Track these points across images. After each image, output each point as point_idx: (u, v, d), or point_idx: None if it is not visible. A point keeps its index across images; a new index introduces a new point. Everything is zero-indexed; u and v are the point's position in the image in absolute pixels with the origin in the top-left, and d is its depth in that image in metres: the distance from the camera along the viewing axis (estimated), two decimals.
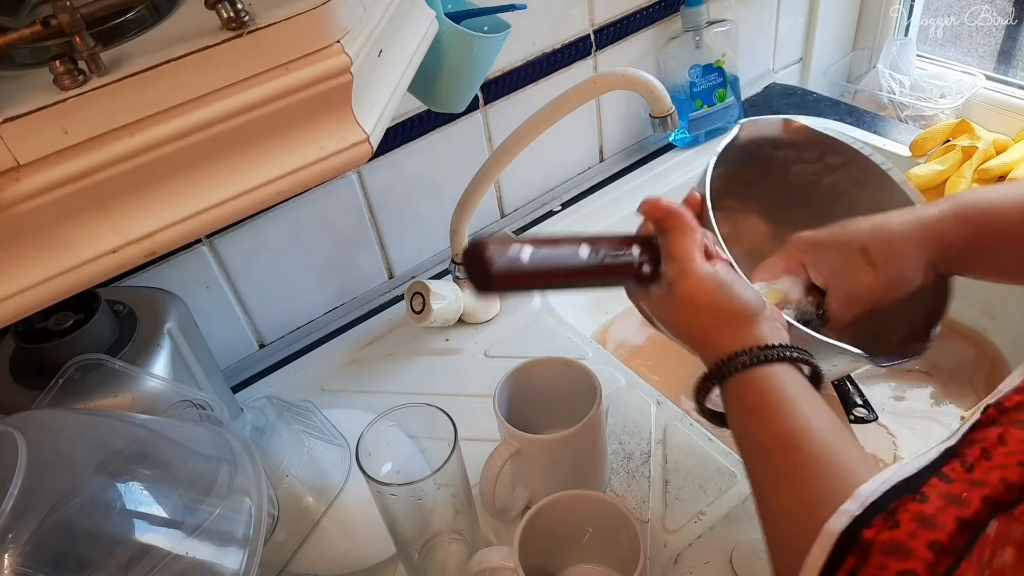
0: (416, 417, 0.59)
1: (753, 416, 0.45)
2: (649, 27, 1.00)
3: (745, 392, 0.45)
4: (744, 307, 0.47)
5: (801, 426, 0.42)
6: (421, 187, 0.91)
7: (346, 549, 0.64)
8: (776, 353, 0.45)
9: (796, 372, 0.46)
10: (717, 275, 0.48)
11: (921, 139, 0.97)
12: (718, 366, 0.46)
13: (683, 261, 0.48)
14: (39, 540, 0.41)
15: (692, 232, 0.49)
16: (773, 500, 0.42)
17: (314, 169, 0.43)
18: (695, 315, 0.48)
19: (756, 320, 0.47)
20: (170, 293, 0.66)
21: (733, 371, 0.46)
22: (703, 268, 0.48)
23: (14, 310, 0.38)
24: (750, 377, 0.45)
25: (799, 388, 0.44)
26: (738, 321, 0.47)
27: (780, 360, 0.45)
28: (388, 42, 0.47)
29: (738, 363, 0.45)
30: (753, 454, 0.44)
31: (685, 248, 0.48)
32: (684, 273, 0.48)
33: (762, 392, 0.44)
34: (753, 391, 0.45)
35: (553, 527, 0.58)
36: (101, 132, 0.36)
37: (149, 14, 0.40)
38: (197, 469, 0.50)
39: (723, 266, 0.49)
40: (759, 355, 0.45)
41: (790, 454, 0.41)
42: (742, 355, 0.45)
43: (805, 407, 0.43)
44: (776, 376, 0.44)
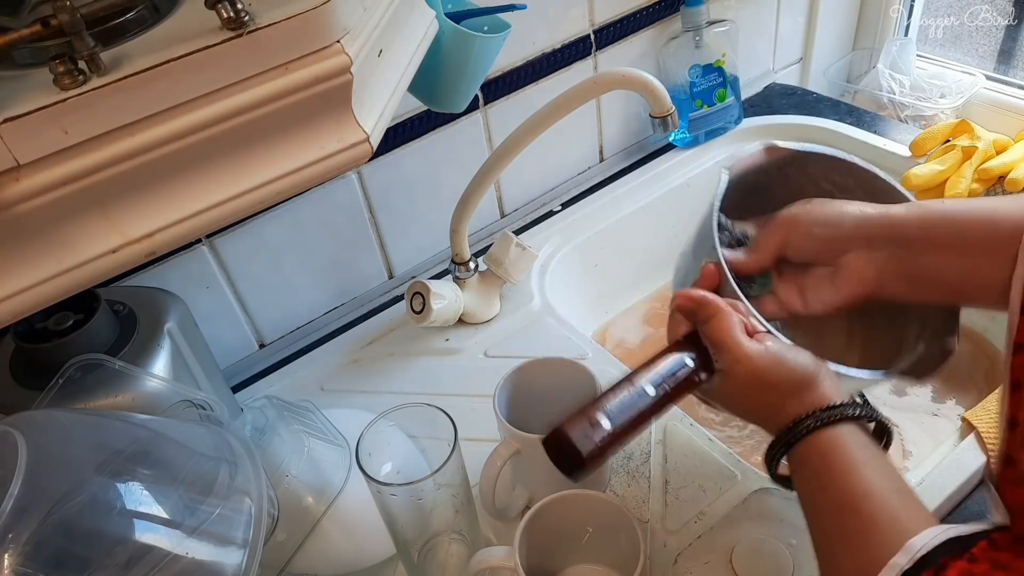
0: (416, 417, 0.59)
1: (816, 480, 0.45)
2: (649, 27, 1.00)
3: (809, 457, 0.45)
4: (803, 375, 0.47)
5: (862, 490, 0.42)
6: (421, 187, 0.91)
7: (346, 549, 0.64)
8: (838, 414, 0.45)
9: (858, 431, 0.45)
10: (767, 351, 0.48)
11: (921, 139, 0.97)
12: (783, 434, 0.46)
13: (731, 348, 0.48)
14: (39, 540, 0.41)
15: (729, 315, 0.49)
16: (833, 562, 0.43)
17: (314, 169, 0.43)
18: (757, 395, 0.48)
19: (816, 382, 0.47)
20: (170, 293, 0.66)
21: (798, 438, 0.46)
22: (752, 348, 0.48)
23: (14, 310, 0.38)
24: (814, 441, 0.45)
25: (861, 448, 0.44)
26: (800, 388, 0.47)
27: (843, 420, 0.45)
28: (388, 42, 0.47)
29: (801, 429, 0.45)
30: (816, 517, 0.44)
31: (727, 333, 0.48)
32: (736, 360, 0.48)
33: (824, 455, 0.44)
34: (816, 455, 0.45)
35: (553, 527, 0.58)
36: (101, 132, 0.36)
37: (149, 14, 0.40)
38: (197, 469, 0.50)
39: (770, 340, 0.49)
40: (821, 418, 0.45)
41: (850, 518, 0.42)
42: (806, 419, 0.45)
43: (866, 470, 0.43)
44: (839, 438, 0.44)
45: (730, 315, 0.49)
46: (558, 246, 0.96)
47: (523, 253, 0.85)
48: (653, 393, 0.48)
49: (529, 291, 0.90)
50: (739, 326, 0.49)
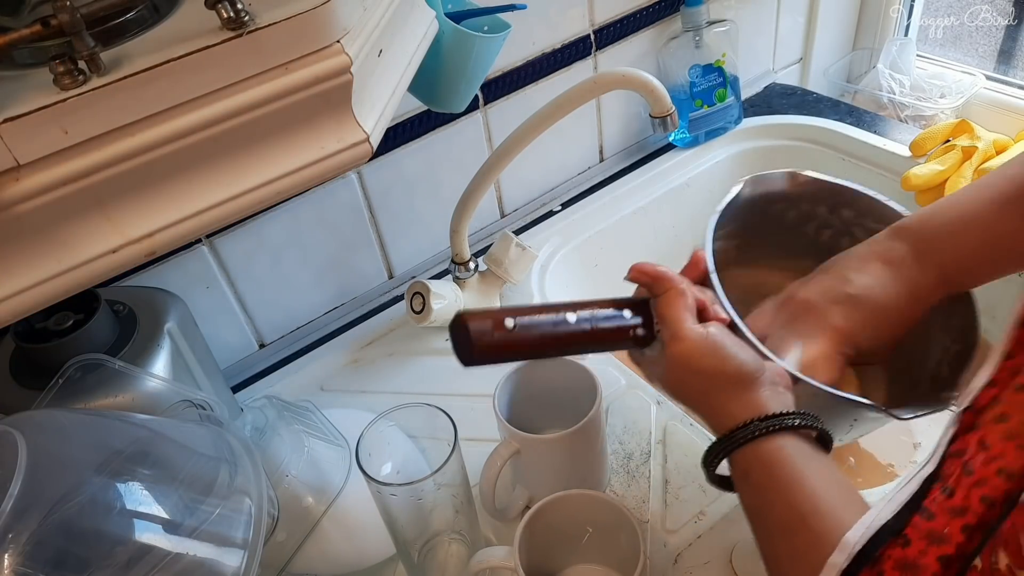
0: (416, 417, 0.59)
1: (761, 494, 0.44)
2: (649, 27, 1.00)
3: (751, 468, 0.44)
4: (738, 370, 0.46)
5: (810, 507, 0.41)
6: (421, 187, 0.91)
7: (346, 549, 0.64)
8: (777, 423, 0.43)
9: (800, 441, 0.44)
10: (708, 337, 0.47)
11: (921, 139, 0.97)
12: (721, 441, 0.45)
13: (673, 324, 0.48)
14: (39, 540, 0.41)
15: (681, 295, 0.49)
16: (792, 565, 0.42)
17: (314, 169, 0.43)
18: (689, 378, 0.48)
19: (753, 385, 0.46)
20: (170, 293, 0.66)
21: (736, 446, 0.44)
22: (694, 330, 0.47)
23: (14, 310, 0.38)
24: (755, 452, 0.44)
25: (806, 459, 0.43)
26: (733, 385, 0.46)
27: (783, 430, 0.43)
28: (388, 42, 0.47)
29: (739, 438, 0.44)
30: (763, 532, 0.44)
31: (675, 311, 0.48)
32: (675, 336, 0.47)
33: (768, 468, 0.43)
34: (759, 467, 0.43)
35: (553, 527, 0.58)
36: (101, 132, 0.36)
37: (149, 14, 0.40)
38: (197, 469, 0.50)
39: (717, 327, 0.48)
40: (760, 428, 0.43)
41: (800, 536, 0.41)
42: (743, 428, 0.44)
43: (812, 482, 0.41)
44: (782, 449, 0.43)
45: (683, 295, 0.49)
46: (558, 246, 0.96)
47: (523, 253, 0.85)
48: (573, 321, 0.48)
49: (529, 291, 0.90)
50: (689, 308, 0.48)
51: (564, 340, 0.48)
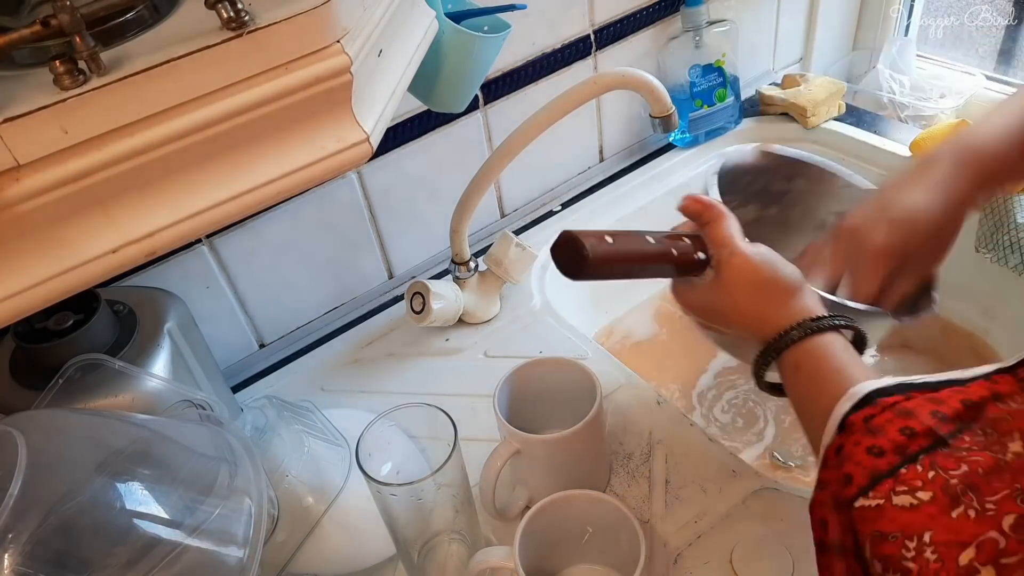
0: (416, 417, 0.59)
1: (811, 383, 0.48)
2: (649, 27, 1.00)
3: (801, 362, 0.49)
4: (789, 280, 0.51)
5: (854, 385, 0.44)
6: (421, 187, 0.91)
7: (346, 549, 0.64)
8: (825, 323, 0.49)
9: (843, 339, 0.49)
10: (760, 253, 0.52)
11: (921, 139, 0.97)
12: (775, 340, 0.50)
13: (728, 243, 0.53)
14: (39, 540, 0.41)
15: (730, 219, 0.54)
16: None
17: (314, 169, 0.43)
18: (745, 292, 0.52)
19: (800, 292, 0.51)
20: (170, 293, 0.66)
21: (788, 344, 0.49)
22: (748, 248, 0.53)
23: (14, 310, 0.38)
24: (804, 348, 0.49)
25: (848, 354, 0.48)
26: (785, 294, 0.51)
27: (829, 330, 0.49)
28: (388, 42, 0.47)
29: (792, 336, 0.49)
30: (812, 418, 0.47)
31: (729, 232, 0.53)
32: (732, 253, 0.52)
33: (817, 360, 0.48)
34: (808, 361, 0.48)
35: (553, 527, 0.58)
36: (101, 132, 0.36)
37: (149, 14, 0.40)
38: (197, 469, 0.50)
39: (764, 247, 0.53)
40: (811, 327, 0.49)
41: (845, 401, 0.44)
42: (795, 329, 0.49)
43: (856, 371, 0.46)
44: (828, 346, 0.48)
45: (732, 220, 0.54)
46: None
47: (523, 253, 0.85)
48: (653, 242, 0.53)
49: (529, 291, 0.90)
50: (739, 231, 0.54)
51: (648, 258, 0.53)
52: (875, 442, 0.39)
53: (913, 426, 0.38)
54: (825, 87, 1.06)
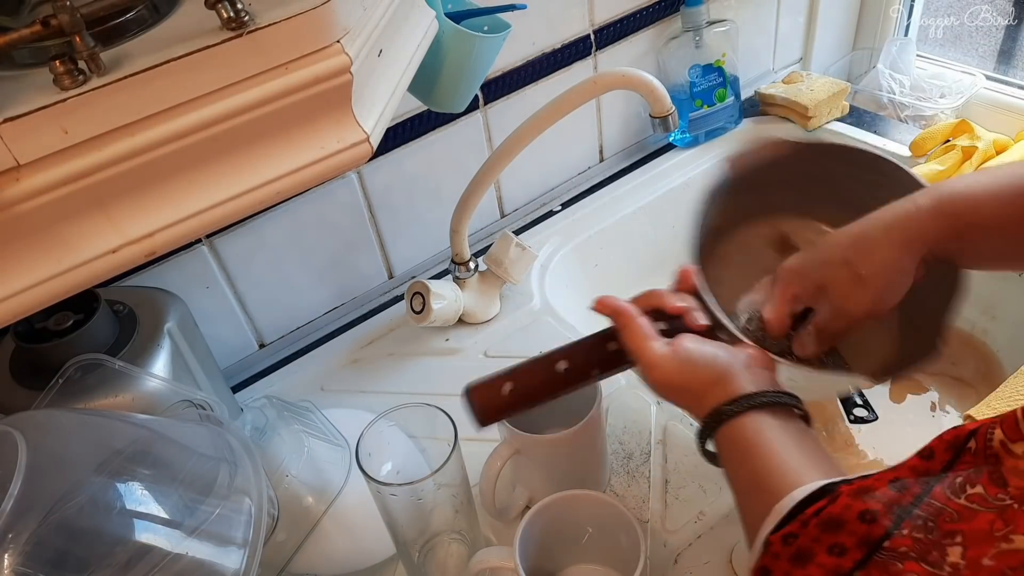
0: (416, 417, 0.59)
1: (731, 463, 0.48)
2: (649, 27, 1.00)
3: (725, 442, 0.48)
4: (711, 372, 0.49)
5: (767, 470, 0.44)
6: (421, 187, 0.91)
7: (346, 549, 0.64)
8: (745, 404, 0.47)
9: (770, 416, 0.47)
10: (676, 356, 0.51)
11: (921, 139, 0.97)
12: (703, 424, 0.49)
13: (641, 355, 0.52)
14: (39, 540, 0.41)
15: (640, 326, 0.52)
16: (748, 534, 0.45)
17: (314, 169, 0.43)
18: (670, 393, 0.52)
19: (730, 377, 0.49)
20: (170, 293, 0.66)
21: (714, 427, 0.48)
22: (659, 354, 0.51)
23: (14, 310, 0.38)
24: (730, 428, 0.47)
25: (772, 431, 0.46)
26: (710, 385, 0.49)
27: (754, 408, 0.47)
28: (388, 42, 0.47)
29: (715, 419, 0.48)
30: (735, 496, 0.48)
31: (636, 341, 0.52)
32: (647, 366, 0.51)
33: (735, 442, 0.47)
34: (728, 442, 0.48)
35: (553, 527, 0.58)
36: (101, 132, 0.36)
37: (149, 14, 0.40)
38: (197, 469, 0.50)
39: (682, 343, 0.51)
40: (729, 410, 0.47)
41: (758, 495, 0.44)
42: (717, 412, 0.48)
43: (772, 448, 0.45)
44: (751, 424, 0.47)
45: (641, 326, 0.52)
46: (558, 246, 0.96)
47: (523, 253, 0.85)
48: (564, 369, 0.54)
49: (529, 291, 0.90)
50: (650, 334, 0.52)
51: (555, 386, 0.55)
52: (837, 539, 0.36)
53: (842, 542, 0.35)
54: (827, 87, 1.06)
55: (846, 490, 0.37)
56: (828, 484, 0.40)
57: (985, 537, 0.30)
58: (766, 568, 0.39)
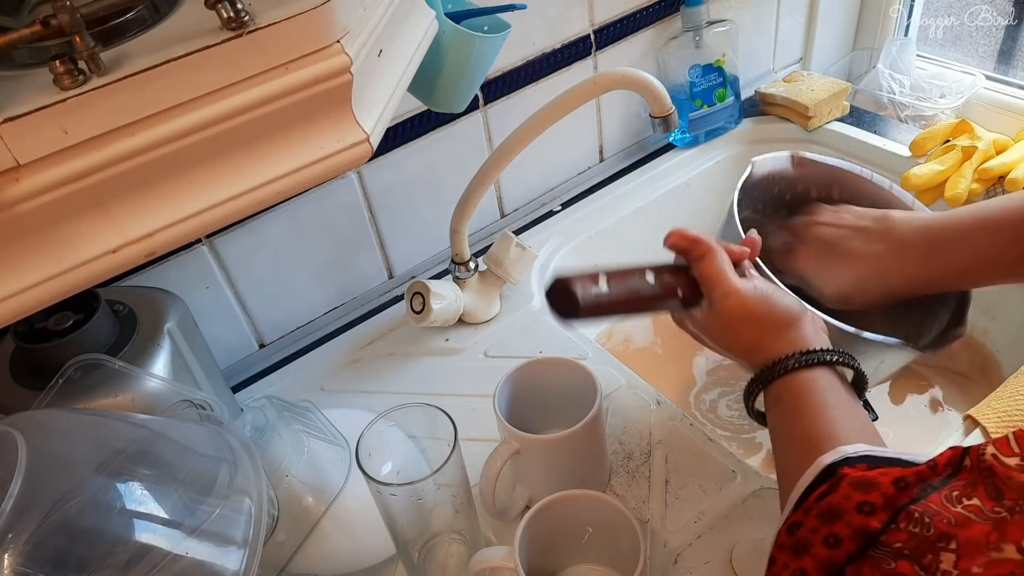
0: (416, 417, 0.59)
1: (787, 418, 0.46)
2: (649, 27, 1.00)
3: (783, 395, 0.47)
4: (787, 313, 0.50)
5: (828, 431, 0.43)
6: (421, 187, 0.91)
7: (346, 549, 0.64)
8: (817, 358, 0.47)
9: (833, 376, 0.47)
10: (756, 288, 0.51)
11: (921, 139, 0.97)
12: (763, 371, 0.48)
13: (721, 282, 0.51)
14: (39, 540, 0.41)
15: (720, 254, 0.52)
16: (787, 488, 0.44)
17: (314, 169, 0.43)
18: (741, 328, 0.51)
19: (798, 324, 0.49)
20: (170, 293, 0.66)
21: (776, 376, 0.48)
22: (742, 284, 0.51)
23: (14, 310, 0.38)
24: (790, 381, 0.47)
25: (833, 392, 0.46)
26: (782, 327, 0.49)
27: (820, 364, 0.47)
28: (388, 42, 0.47)
29: (780, 368, 0.47)
30: (782, 452, 0.46)
31: (720, 269, 0.52)
32: (726, 293, 0.51)
33: (798, 395, 0.46)
34: (790, 394, 0.47)
35: (553, 527, 0.58)
36: (101, 132, 0.36)
37: (149, 14, 0.40)
38: (197, 469, 0.50)
39: (759, 280, 0.52)
40: (801, 360, 0.47)
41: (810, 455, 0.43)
42: (785, 360, 0.47)
43: (833, 412, 0.44)
44: (814, 381, 0.46)
45: (721, 254, 0.52)
46: (558, 246, 0.96)
47: (523, 253, 0.85)
48: (652, 283, 0.53)
49: (529, 291, 0.90)
50: (729, 265, 0.52)
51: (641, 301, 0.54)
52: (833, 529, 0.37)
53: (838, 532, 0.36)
54: (828, 87, 1.06)
55: (850, 477, 0.38)
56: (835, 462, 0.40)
57: (979, 547, 0.31)
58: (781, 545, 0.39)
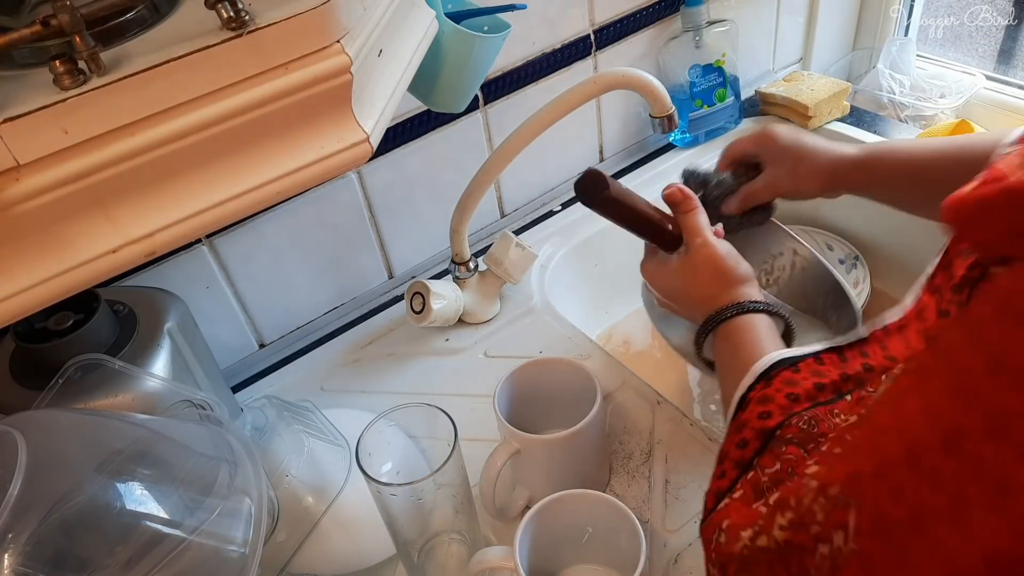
0: (416, 417, 0.59)
1: (731, 349, 0.56)
2: (649, 27, 1.00)
3: (729, 333, 0.57)
4: (742, 273, 0.60)
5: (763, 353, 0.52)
6: (421, 187, 0.91)
7: (346, 549, 0.64)
8: (760, 306, 0.57)
9: (770, 321, 0.57)
10: (724, 245, 0.61)
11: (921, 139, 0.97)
12: (716, 313, 0.57)
13: (701, 233, 0.61)
14: (39, 540, 0.41)
15: (702, 212, 0.63)
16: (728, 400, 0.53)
17: (314, 169, 0.43)
18: (705, 275, 0.60)
19: (748, 283, 0.59)
20: (170, 293, 0.66)
21: (724, 318, 0.57)
22: (715, 239, 0.61)
23: (14, 310, 0.38)
24: (736, 322, 0.57)
25: (770, 331, 0.56)
26: (736, 282, 0.59)
27: (762, 312, 0.57)
28: (388, 42, 0.47)
29: (731, 311, 0.57)
30: (726, 376, 0.55)
31: (701, 223, 0.62)
32: (704, 242, 0.61)
33: (742, 332, 0.56)
34: (735, 332, 0.56)
35: (553, 527, 0.58)
36: (101, 132, 0.36)
37: (149, 14, 0.40)
38: (197, 469, 0.50)
39: (726, 242, 0.62)
40: (745, 307, 0.57)
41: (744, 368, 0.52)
42: (733, 306, 0.57)
43: (768, 343, 0.54)
44: (754, 321, 0.56)
45: (703, 213, 0.63)
46: (558, 246, 0.96)
47: (523, 253, 0.85)
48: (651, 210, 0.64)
49: (529, 291, 0.90)
50: (708, 223, 0.63)
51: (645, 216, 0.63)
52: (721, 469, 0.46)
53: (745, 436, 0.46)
54: (828, 86, 1.06)
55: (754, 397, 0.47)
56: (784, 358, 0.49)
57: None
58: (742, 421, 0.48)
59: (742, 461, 0.45)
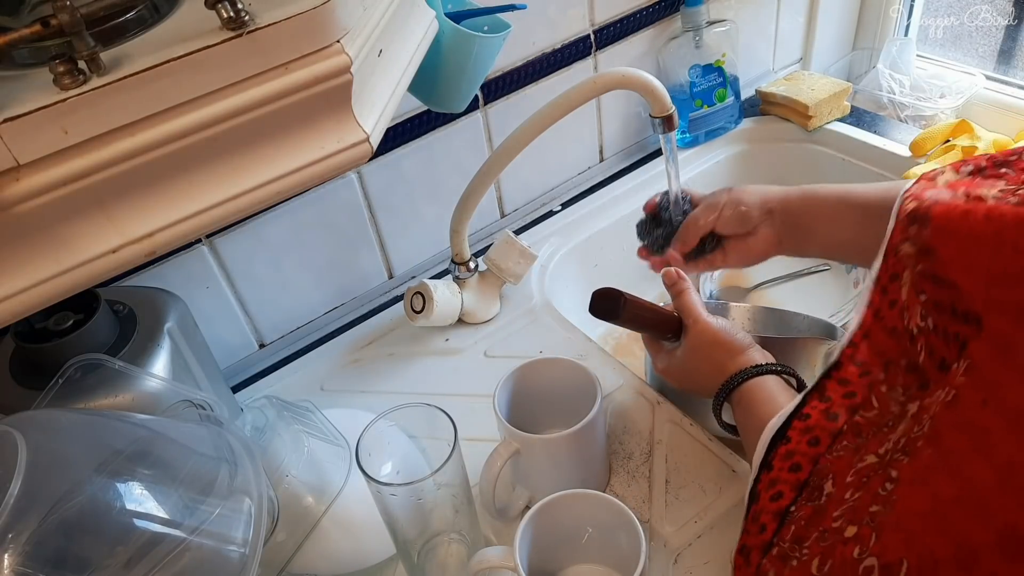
0: (416, 417, 0.59)
1: (748, 411, 0.60)
2: (649, 27, 1.00)
3: (743, 398, 0.61)
4: (739, 342, 0.64)
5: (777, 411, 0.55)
6: (421, 187, 0.91)
7: (346, 549, 0.64)
8: (767, 368, 0.61)
9: (779, 380, 0.61)
10: (718, 322, 0.65)
11: (921, 139, 0.97)
12: (727, 382, 0.61)
13: (694, 312, 0.66)
14: (39, 540, 0.41)
15: (694, 291, 0.67)
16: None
17: (314, 169, 0.43)
18: (705, 350, 0.64)
19: (748, 350, 0.63)
20: (170, 293, 0.66)
21: (737, 384, 0.61)
22: (708, 316, 0.65)
23: (14, 310, 0.38)
24: (748, 386, 0.61)
25: (782, 390, 0.60)
26: (735, 351, 0.63)
27: (769, 373, 0.61)
28: (388, 42, 0.47)
29: (740, 377, 0.61)
30: (746, 435, 0.59)
31: (694, 303, 0.66)
32: (696, 320, 0.65)
33: (754, 394, 0.60)
34: (749, 395, 0.60)
35: (553, 527, 0.58)
36: (101, 132, 0.36)
37: (149, 14, 0.40)
38: (197, 469, 0.50)
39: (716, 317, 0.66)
40: (755, 371, 0.61)
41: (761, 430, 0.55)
42: (742, 373, 0.61)
43: (782, 400, 0.57)
44: (766, 382, 0.60)
45: (693, 290, 0.68)
46: (558, 246, 0.96)
47: (523, 253, 0.85)
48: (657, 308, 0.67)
49: (529, 291, 0.90)
50: (700, 301, 0.67)
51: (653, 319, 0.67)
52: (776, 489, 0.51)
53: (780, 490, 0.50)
54: (828, 86, 1.06)
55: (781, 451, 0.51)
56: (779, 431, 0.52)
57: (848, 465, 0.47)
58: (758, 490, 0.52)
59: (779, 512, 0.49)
